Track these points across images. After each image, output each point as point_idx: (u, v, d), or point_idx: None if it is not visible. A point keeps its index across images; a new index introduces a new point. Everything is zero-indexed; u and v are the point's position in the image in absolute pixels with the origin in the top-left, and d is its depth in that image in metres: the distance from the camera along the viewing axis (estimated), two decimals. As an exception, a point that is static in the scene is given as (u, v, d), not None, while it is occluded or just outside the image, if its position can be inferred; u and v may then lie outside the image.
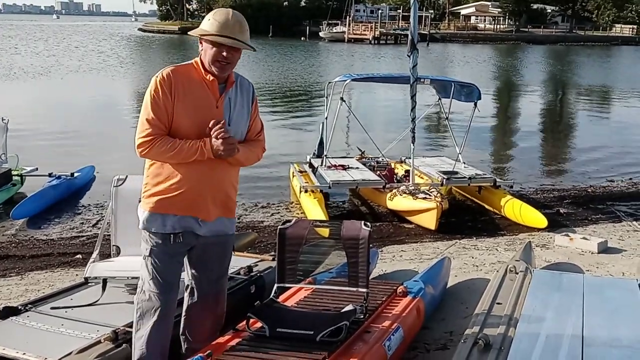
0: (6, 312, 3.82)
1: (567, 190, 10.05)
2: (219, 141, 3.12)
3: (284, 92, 24.25)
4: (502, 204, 8.26)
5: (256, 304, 3.68)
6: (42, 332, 3.63)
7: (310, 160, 9.74)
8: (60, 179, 8.97)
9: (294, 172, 9.43)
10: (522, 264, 4.73)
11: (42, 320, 3.77)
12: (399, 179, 9.11)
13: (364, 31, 71.45)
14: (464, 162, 9.45)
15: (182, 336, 3.46)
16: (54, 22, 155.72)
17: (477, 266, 6.05)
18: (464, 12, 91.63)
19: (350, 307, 3.65)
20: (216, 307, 3.48)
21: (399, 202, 7.94)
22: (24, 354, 3.33)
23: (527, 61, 48.23)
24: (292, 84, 26.68)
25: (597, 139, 15.61)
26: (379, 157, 9.76)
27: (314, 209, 7.71)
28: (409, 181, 8.50)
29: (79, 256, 6.52)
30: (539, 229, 7.64)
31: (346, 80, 9.56)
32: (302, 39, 72.72)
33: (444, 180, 8.55)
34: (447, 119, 10.37)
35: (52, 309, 3.95)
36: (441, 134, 14.62)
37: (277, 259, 3.94)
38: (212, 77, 3.19)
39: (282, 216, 8.29)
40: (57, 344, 3.45)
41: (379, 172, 9.08)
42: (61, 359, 3.27)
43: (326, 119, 9.55)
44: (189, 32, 3.44)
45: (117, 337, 3.45)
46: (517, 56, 54.24)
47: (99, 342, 3.43)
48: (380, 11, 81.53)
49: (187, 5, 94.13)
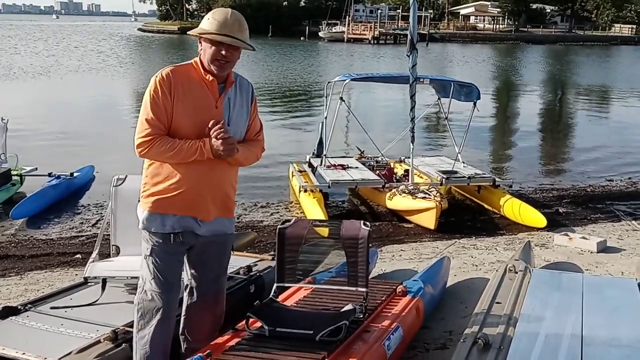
0: (6, 312, 3.82)
1: (566, 189, 10.05)
2: (219, 141, 3.12)
3: (283, 92, 24.25)
4: (502, 204, 8.27)
5: (256, 303, 3.67)
6: (41, 332, 3.63)
7: (309, 159, 9.74)
8: (59, 178, 8.96)
9: (293, 172, 9.42)
10: (522, 263, 4.73)
11: (41, 320, 3.77)
12: (398, 178, 9.12)
13: (364, 31, 71.44)
14: (463, 162, 9.45)
15: (181, 336, 3.46)
16: (53, 22, 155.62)
17: (476, 265, 6.05)
18: (463, 12, 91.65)
19: (349, 307, 3.65)
20: (215, 307, 3.48)
21: (398, 201, 7.94)
22: (24, 353, 3.33)
23: (527, 61, 48.24)
24: (291, 83, 26.67)
25: (596, 138, 15.61)
26: (378, 157, 9.77)
27: (313, 209, 7.71)
28: (409, 181, 8.50)
29: (78, 256, 6.52)
30: (538, 229, 7.64)
31: (345, 80, 9.56)
32: (301, 38, 72.73)
33: (444, 179, 8.55)
34: (446, 118, 10.37)
35: (51, 308, 3.95)
36: (440, 134, 14.61)
37: (276, 258, 3.94)
38: (211, 77, 3.19)
39: (281, 216, 8.29)
40: (57, 343, 3.45)
41: (378, 171, 9.08)
42: (61, 358, 3.28)
43: (325, 118, 9.56)
44: (188, 32, 3.44)
45: (116, 337, 3.45)
46: (517, 56, 54.25)
47: (99, 342, 3.43)
48: (379, 11, 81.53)
49: (187, 5, 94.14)
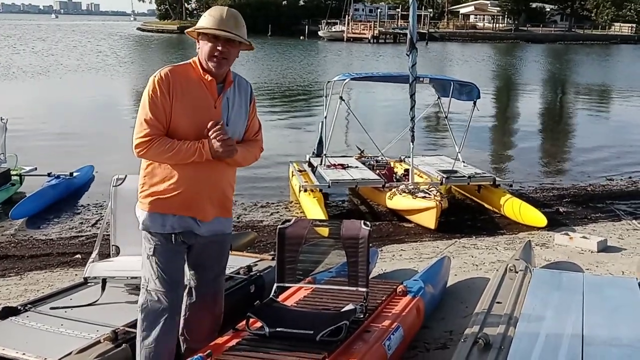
0: (6, 312, 3.82)
1: (566, 189, 10.05)
2: (218, 143, 3.11)
3: (283, 91, 24.24)
4: (502, 203, 8.26)
5: (256, 303, 3.66)
6: (41, 332, 3.63)
7: (309, 159, 9.74)
8: (59, 178, 8.96)
9: (293, 172, 9.42)
10: (522, 263, 4.73)
11: (41, 320, 3.77)
12: (398, 178, 9.12)
13: (363, 30, 71.40)
14: (464, 161, 9.45)
15: (181, 336, 3.45)
16: (52, 21, 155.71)
17: (476, 265, 6.05)
18: (463, 11, 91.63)
19: (350, 307, 3.65)
20: (214, 307, 3.48)
21: (398, 201, 7.94)
22: (24, 354, 3.33)
23: (526, 60, 48.24)
24: (291, 83, 26.66)
25: (596, 137, 15.61)
26: (378, 156, 9.77)
27: (313, 209, 7.71)
28: (409, 180, 8.50)
29: (78, 256, 6.52)
30: (539, 228, 7.64)
31: (345, 79, 9.54)
32: (301, 38, 72.75)
33: (444, 179, 8.55)
34: (446, 118, 10.36)
35: (51, 309, 3.94)
36: (440, 133, 14.60)
37: (276, 258, 3.94)
38: (210, 76, 3.17)
39: (281, 216, 8.28)
40: (57, 344, 3.45)
41: (378, 171, 9.08)
42: (61, 359, 3.27)
43: (325, 118, 9.55)
44: (185, 31, 3.43)
45: (116, 337, 3.45)
46: (516, 55, 54.24)
47: (99, 342, 3.43)
48: (379, 10, 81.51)
49: (186, 4, 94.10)
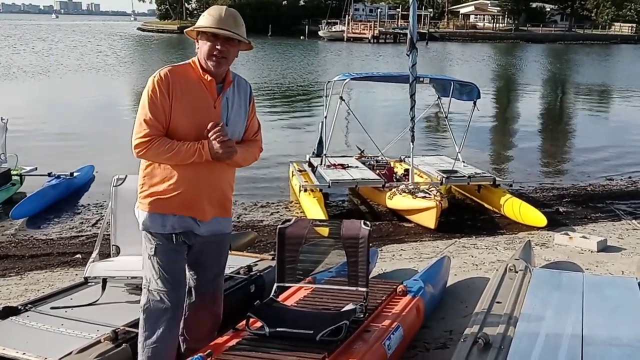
0: (6, 312, 3.82)
1: (566, 188, 10.05)
2: (218, 144, 3.11)
3: (283, 91, 24.24)
4: (502, 203, 8.26)
5: (256, 303, 3.67)
6: (42, 332, 3.63)
7: (309, 159, 9.74)
8: (59, 178, 8.97)
9: (293, 172, 9.42)
10: (522, 262, 4.73)
11: (42, 320, 3.77)
12: (398, 178, 9.12)
13: (363, 30, 71.39)
14: (464, 161, 9.45)
15: (180, 336, 3.44)
16: (52, 21, 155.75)
17: (476, 265, 6.05)
18: (463, 10, 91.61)
19: (350, 307, 3.65)
20: (214, 306, 3.48)
21: (398, 201, 7.94)
22: (24, 354, 3.33)
23: (526, 60, 48.23)
24: (291, 83, 26.67)
25: (596, 137, 15.61)
26: (378, 156, 9.77)
27: (313, 208, 7.71)
28: (409, 180, 8.50)
29: (78, 256, 6.52)
30: (539, 228, 7.64)
31: (345, 79, 9.54)
32: (301, 38, 72.76)
33: (444, 179, 8.55)
34: (446, 118, 10.36)
35: (52, 308, 3.95)
36: (440, 133, 14.60)
37: (276, 258, 3.95)
38: (210, 77, 3.17)
39: (281, 215, 8.28)
40: (57, 343, 3.45)
41: (378, 171, 9.08)
42: (61, 359, 3.27)
43: (325, 118, 9.55)
44: (184, 31, 3.43)
45: (117, 337, 3.45)
46: (516, 55, 54.23)
47: (99, 342, 3.43)
48: (379, 10, 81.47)
49: (186, 4, 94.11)
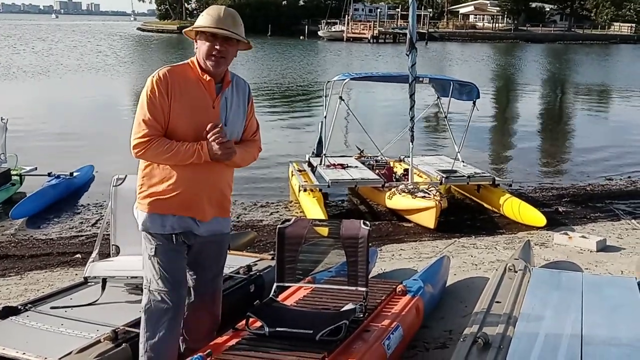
0: (6, 312, 3.82)
1: (565, 188, 10.05)
2: (217, 146, 3.11)
3: (282, 91, 24.24)
4: (501, 203, 8.27)
5: (255, 303, 3.67)
6: (41, 331, 3.63)
7: (309, 159, 9.74)
8: (59, 178, 8.96)
9: (293, 171, 9.42)
10: (521, 262, 4.74)
11: (41, 320, 3.77)
12: (398, 177, 9.12)
13: (363, 30, 71.38)
14: (463, 161, 9.46)
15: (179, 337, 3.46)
16: (52, 21, 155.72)
17: (476, 265, 6.05)
18: (462, 10, 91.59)
19: (349, 306, 3.65)
20: (213, 306, 3.49)
21: (398, 201, 7.94)
22: (24, 353, 3.33)
23: (526, 60, 48.23)
24: (291, 83, 26.66)
25: (595, 137, 15.61)
26: (378, 156, 9.77)
27: (313, 208, 7.71)
28: (408, 180, 8.50)
29: (78, 256, 6.52)
30: (538, 228, 7.64)
31: (345, 79, 9.54)
32: (300, 38, 72.75)
33: (443, 179, 8.55)
34: (445, 117, 10.36)
35: (51, 308, 3.95)
36: (440, 133, 14.60)
37: (276, 258, 3.95)
38: (208, 77, 3.17)
39: (281, 215, 8.28)
40: (57, 343, 3.45)
41: (378, 171, 9.08)
42: (61, 358, 3.28)
43: (325, 118, 9.56)
44: (183, 31, 3.43)
45: (117, 337, 3.46)
46: (516, 55, 54.23)
47: (99, 341, 3.43)
48: (378, 10, 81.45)
49: (186, 4, 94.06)
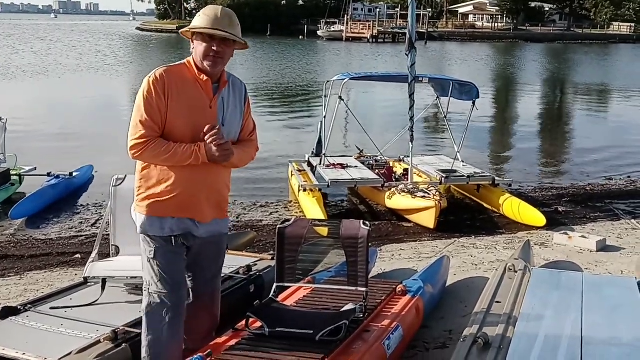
0: (6, 312, 3.82)
1: (565, 188, 10.05)
2: (215, 147, 3.10)
3: (282, 91, 24.19)
4: (501, 203, 8.26)
5: (255, 303, 3.67)
6: (41, 332, 3.63)
7: (309, 159, 9.74)
8: (58, 178, 8.96)
9: (292, 171, 9.42)
10: (521, 262, 4.73)
11: (41, 320, 3.77)
12: (397, 177, 9.12)
13: (362, 30, 71.38)
14: (463, 161, 9.46)
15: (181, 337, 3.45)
16: (51, 21, 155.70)
17: (476, 265, 6.05)
18: (462, 10, 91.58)
19: (349, 306, 3.65)
20: (212, 307, 3.49)
21: (397, 200, 7.94)
22: (24, 354, 3.33)
23: (525, 59, 48.24)
24: (290, 83, 26.63)
25: (595, 137, 15.62)
26: (377, 156, 9.76)
27: (312, 208, 7.71)
28: (408, 180, 8.50)
29: (78, 256, 6.51)
30: (538, 228, 7.64)
31: (344, 79, 9.54)
32: (300, 37, 72.77)
33: (443, 178, 8.55)
34: (445, 117, 10.35)
35: (51, 309, 3.95)
36: (440, 133, 14.60)
37: (276, 258, 3.95)
38: (205, 77, 3.16)
39: (281, 215, 8.28)
40: (57, 344, 3.45)
41: (377, 170, 9.08)
42: (61, 359, 3.27)
43: (325, 117, 9.55)
44: (180, 31, 3.43)
45: (116, 337, 3.45)
46: (515, 54, 54.25)
47: (99, 342, 3.43)
48: (378, 10, 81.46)
49: (185, 4, 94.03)
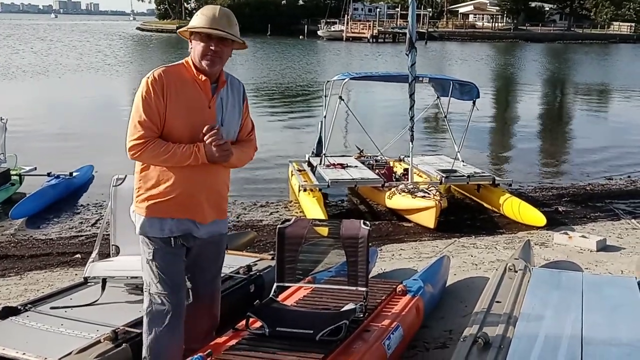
0: (6, 312, 3.82)
1: (565, 188, 10.05)
2: (214, 148, 3.09)
3: (282, 91, 24.19)
4: (501, 202, 8.26)
5: (255, 303, 3.67)
6: (41, 332, 3.63)
7: (309, 159, 9.74)
8: (59, 178, 8.96)
9: (292, 171, 9.42)
10: (521, 262, 4.73)
11: (41, 320, 3.77)
12: (397, 177, 9.12)
13: (362, 30, 71.38)
14: (463, 161, 9.46)
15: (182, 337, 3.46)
16: (51, 21, 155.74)
17: (476, 265, 6.05)
18: (462, 10, 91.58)
19: (349, 306, 3.65)
20: (212, 307, 3.49)
21: (397, 200, 7.94)
22: (24, 354, 3.33)
23: (525, 59, 48.23)
24: (290, 82, 26.62)
25: (595, 137, 15.62)
26: (377, 156, 9.77)
27: (313, 208, 7.71)
28: (408, 180, 8.50)
29: (78, 256, 6.52)
30: (538, 227, 7.64)
31: (345, 79, 9.54)
32: (300, 37, 72.76)
33: (443, 178, 8.55)
34: (445, 117, 10.35)
35: (51, 308, 3.95)
36: (440, 133, 14.60)
37: (276, 258, 3.95)
38: (204, 77, 3.15)
39: (281, 215, 8.28)
40: (57, 344, 3.45)
41: (377, 170, 9.08)
42: (61, 359, 3.27)
43: (325, 117, 9.55)
44: (178, 31, 3.42)
45: (116, 337, 3.45)
46: (515, 54, 54.24)
47: (99, 342, 3.43)
48: (378, 9, 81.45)
49: (185, 4, 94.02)
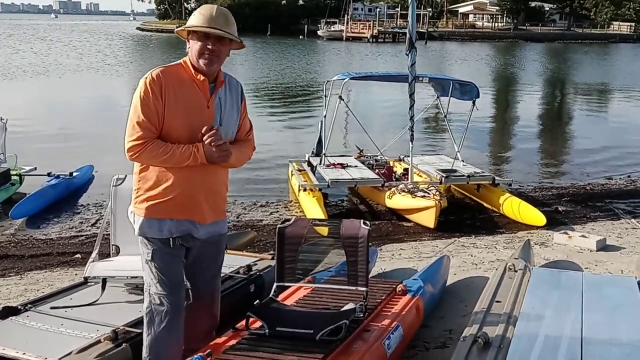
0: (6, 312, 3.82)
1: (565, 188, 10.05)
2: (213, 148, 3.09)
3: (282, 91, 24.19)
4: (501, 202, 8.27)
5: (255, 303, 3.67)
6: (41, 332, 3.63)
7: (309, 158, 9.74)
8: (59, 178, 8.96)
9: (292, 171, 9.42)
10: (521, 262, 4.73)
11: (41, 320, 3.77)
12: (397, 177, 9.12)
13: (362, 29, 71.39)
14: (463, 160, 9.46)
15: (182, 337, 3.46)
16: (52, 21, 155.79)
17: (476, 264, 6.06)
18: (462, 10, 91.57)
19: (349, 306, 3.65)
20: (212, 307, 3.49)
21: (397, 200, 7.94)
22: (24, 354, 3.33)
23: (525, 59, 48.23)
24: (290, 82, 26.62)
25: (595, 136, 15.61)
26: (377, 156, 9.77)
27: (313, 208, 7.71)
28: (408, 179, 8.50)
29: (78, 256, 6.52)
30: (538, 227, 7.64)
31: (345, 78, 9.54)
32: (300, 37, 72.76)
33: (443, 178, 8.55)
34: (445, 117, 10.36)
35: (51, 308, 3.95)
36: (440, 133, 14.61)
37: (276, 258, 3.95)
38: (202, 76, 3.15)
39: (281, 215, 8.29)
40: (57, 343, 3.45)
41: (377, 170, 9.08)
42: (61, 358, 3.28)
43: (325, 117, 9.54)
44: (175, 30, 3.42)
45: (117, 337, 3.45)
46: (515, 54, 54.24)
47: (99, 341, 3.43)
48: (378, 9, 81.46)
49: (185, 4, 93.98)
